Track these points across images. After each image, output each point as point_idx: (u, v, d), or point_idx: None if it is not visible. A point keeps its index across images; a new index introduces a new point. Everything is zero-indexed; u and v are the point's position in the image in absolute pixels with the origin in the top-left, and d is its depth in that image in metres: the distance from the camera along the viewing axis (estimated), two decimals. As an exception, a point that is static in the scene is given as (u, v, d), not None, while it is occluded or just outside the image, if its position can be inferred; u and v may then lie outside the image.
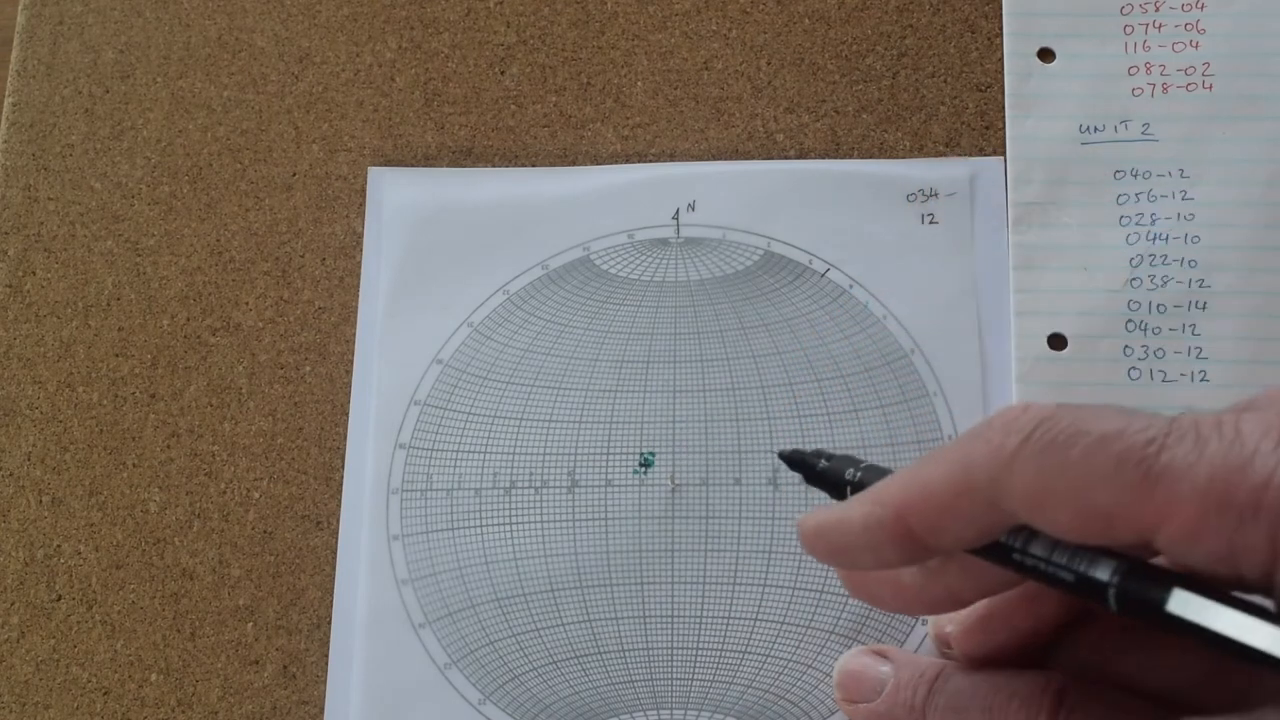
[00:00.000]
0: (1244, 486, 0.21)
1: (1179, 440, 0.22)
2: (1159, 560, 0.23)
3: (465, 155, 0.40)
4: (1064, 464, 0.22)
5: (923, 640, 0.34)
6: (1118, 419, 0.22)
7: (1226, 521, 0.21)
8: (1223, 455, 0.21)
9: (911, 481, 0.25)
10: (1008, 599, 0.28)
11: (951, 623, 0.29)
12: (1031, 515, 0.23)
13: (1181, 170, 0.38)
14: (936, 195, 0.38)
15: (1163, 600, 0.22)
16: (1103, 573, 0.23)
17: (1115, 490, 0.22)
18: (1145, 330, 0.37)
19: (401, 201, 0.39)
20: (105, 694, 0.35)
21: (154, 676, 0.35)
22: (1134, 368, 0.36)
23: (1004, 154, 0.39)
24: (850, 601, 0.35)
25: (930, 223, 0.38)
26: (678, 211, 0.39)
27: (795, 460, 0.30)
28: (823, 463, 0.30)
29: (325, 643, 0.35)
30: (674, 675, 0.35)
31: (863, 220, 0.38)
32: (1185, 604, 0.22)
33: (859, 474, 0.28)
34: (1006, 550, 0.24)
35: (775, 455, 0.31)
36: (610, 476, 0.36)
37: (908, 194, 0.38)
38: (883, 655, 0.32)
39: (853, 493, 0.28)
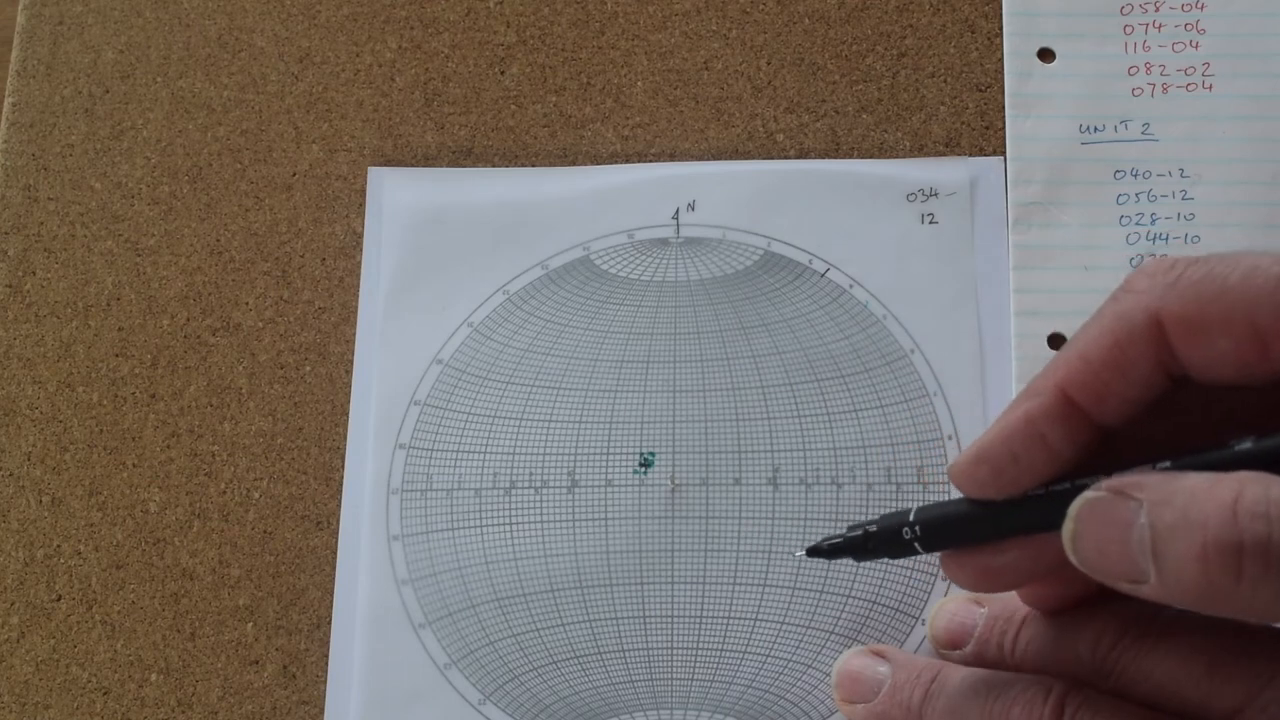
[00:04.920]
0: None
1: None
2: None
3: (465, 155, 0.40)
4: (1224, 289, 0.23)
5: (922, 641, 0.34)
6: (1255, 252, 0.24)
7: None
8: None
9: (1067, 355, 0.25)
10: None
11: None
12: (1190, 346, 0.24)
13: (1181, 170, 0.38)
14: (936, 195, 0.38)
15: None
16: None
17: (1276, 308, 0.23)
18: (1145, 330, 0.37)
19: (401, 201, 0.39)
20: (105, 694, 0.35)
21: (154, 676, 0.35)
22: (1134, 368, 0.36)
23: (1004, 154, 0.39)
24: (850, 601, 0.35)
25: (930, 223, 0.38)
26: (678, 211, 0.39)
27: (833, 548, 0.29)
28: (869, 529, 0.29)
29: (325, 643, 0.35)
30: (674, 675, 0.35)
31: (863, 220, 0.38)
32: None
33: (915, 519, 0.28)
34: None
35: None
36: (610, 476, 0.36)
37: (908, 194, 0.38)
38: (881, 655, 0.32)
39: (922, 537, 0.27)
